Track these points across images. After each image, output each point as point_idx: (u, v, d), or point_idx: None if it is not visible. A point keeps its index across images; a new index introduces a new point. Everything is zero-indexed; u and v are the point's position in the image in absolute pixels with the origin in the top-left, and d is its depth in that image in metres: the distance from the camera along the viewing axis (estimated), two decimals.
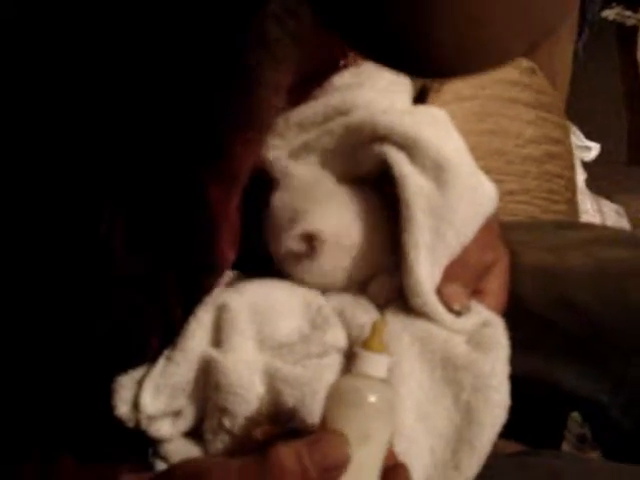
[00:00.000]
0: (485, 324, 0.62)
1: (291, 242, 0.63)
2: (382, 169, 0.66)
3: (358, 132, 0.68)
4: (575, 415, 1.25)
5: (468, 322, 0.62)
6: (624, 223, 1.86)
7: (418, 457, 0.57)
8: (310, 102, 0.74)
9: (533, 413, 0.61)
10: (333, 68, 0.78)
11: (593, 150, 1.94)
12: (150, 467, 0.61)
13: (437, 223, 0.62)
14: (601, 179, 2.04)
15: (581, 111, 1.85)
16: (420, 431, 0.58)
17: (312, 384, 0.57)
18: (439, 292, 0.63)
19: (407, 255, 0.62)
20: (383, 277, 0.66)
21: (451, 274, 0.64)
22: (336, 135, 0.69)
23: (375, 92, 0.73)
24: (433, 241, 0.62)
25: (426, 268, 0.62)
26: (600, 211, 1.76)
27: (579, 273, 0.74)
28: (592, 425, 0.82)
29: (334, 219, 0.64)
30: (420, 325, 0.62)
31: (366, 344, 0.51)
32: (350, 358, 0.51)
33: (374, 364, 0.50)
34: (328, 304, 0.64)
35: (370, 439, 0.49)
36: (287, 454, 0.47)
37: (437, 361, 0.60)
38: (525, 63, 1.28)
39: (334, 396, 0.51)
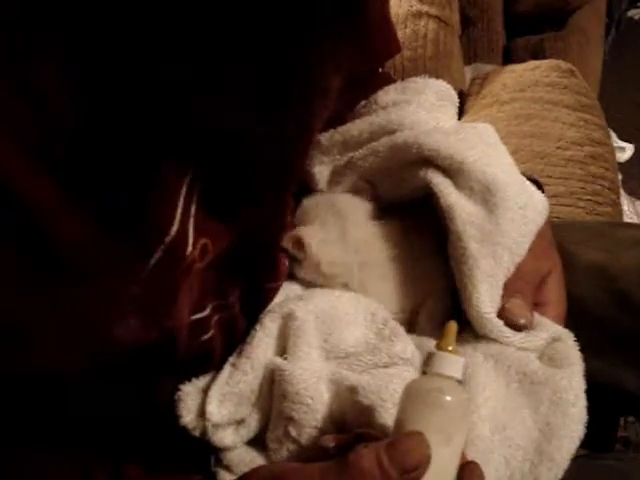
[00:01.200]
0: (555, 339, 0.62)
1: (286, 240, 0.66)
2: (427, 192, 0.66)
3: (403, 153, 0.67)
4: (621, 420, 1.24)
5: (537, 339, 0.62)
6: None
7: (492, 467, 0.56)
8: (355, 120, 0.74)
9: (592, 416, 0.61)
10: (371, 75, 0.78)
11: (627, 151, 1.92)
12: (213, 477, 0.61)
13: (492, 249, 0.62)
14: (634, 180, 2.02)
15: (611, 111, 1.85)
16: (495, 441, 0.57)
17: (380, 392, 0.56)
18: (502, 310, 0.63)
19: (465, 288, 0.62)
20: (429, 304, 0.67)
21: (510, 289, 0.64)
22: (381, 155, 0.69)
23: (422, 110, 0.72)
24: (491, 268, 0.62)
25: (487, 298, 0.62)
26: (636, 212, 1.75)
27: (635, 272, 0.74)
28: None
29: (327, 244, 0.67)
30: (491, 345, 0.62)
31: (440, 345, 0.51)
32: (425, 360, 0.51)
33: (452, 365, 0.50)
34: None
35: (452, 439, 0.48)
36: (367, 457, 0.47)
37: (513, 375, 0.60)
38: (564, 65, 1.27)
39: (413, 397, 0.50)
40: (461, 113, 1.31)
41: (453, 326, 0.51)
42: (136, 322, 0.48)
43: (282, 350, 0.60)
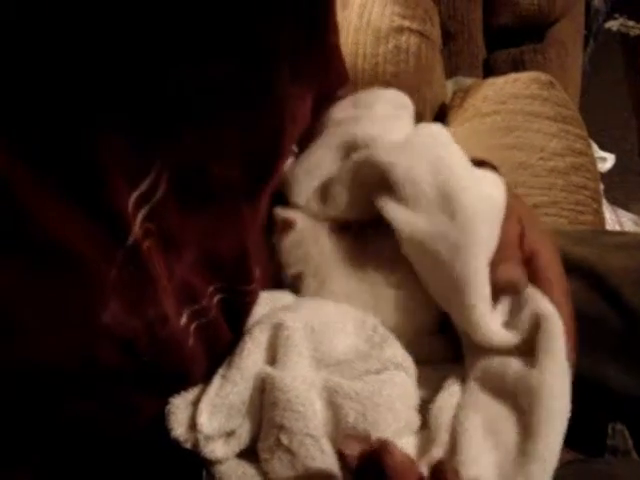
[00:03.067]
0: (538, 319, 0.61)
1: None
2: None
3: (362, 172, 0.68)
4: (609, 427, 1.24)
5: (524, 325, 0.61)
6: None
7: (485, 471, 0.56)
8: (312, 148, 0.74)
9: (582, 418, 0.61)
10: (330, 99, 0.80)
11: (608, 161, 1.95)
12: None
13: (467, 252, 0.61)
14: (616, 189, 2.05)
15: (591, 122, 1.88)
16: (488, 445, 0.58)
17: (374, 397, 0.57)
18: (494, 281, 0.62)
19: (458, 305, 0.62)
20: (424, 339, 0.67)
21: (497, 259, 0.63)
22: (344, 180, 0.69)
23: (375, 124, 0.72)
24: (474, 272, 0.62)
25: (483, 306, 0.61)
26: (619, 221, 1.77)
27: (623, 273, 0.74)
28: (635, 430, 0.81)
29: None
30: (475, 366, 0.63)
31: None
32: None
33: None
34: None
35: None
36: None
37: (496, 390, 0.61)
38: (543, 77, 1.29)
39: None
40: (444, 126, 1.32)
41: None
42: (117, 307, 0.48)
43: (272, 361, 0.61)
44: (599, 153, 1.94)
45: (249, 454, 0.61)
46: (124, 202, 0.47)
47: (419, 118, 1.32)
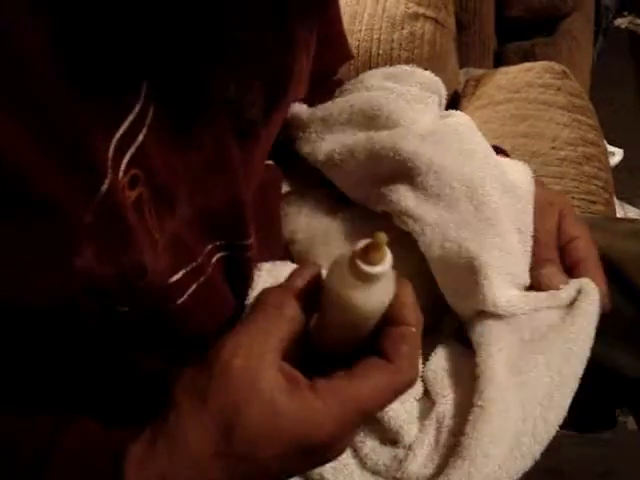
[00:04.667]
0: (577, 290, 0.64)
1: None
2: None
3: (381, 158, 0.68)
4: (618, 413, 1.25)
5: (563, 298, 0.64)
6: None
7: (510, 408, 0.58)
8: (336, 100, 0.75)
9: (594, 404, 0.62)
10: (328, 79, 0.81)
11: (617, 155, 1.95)
12: None
13: (491, 241, 0.63)
14: (623, 184, 2.05)
15: (599, 117, 1.88)
16: (512, 384, 0.59)
17: None
18: (537, 278, 0.65)
19: (477, 289, 0.63)
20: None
21: (538, 259, 0.66)
22: (357, 157, 0.70)
23: (403, 100, 0.72)
24: (497, 259, 0.63)
25: (501, 292, 0.63)
26: (626, 216, 1.77)
27: (634, 259, 0.75)
28: None
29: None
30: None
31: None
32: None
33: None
34: None
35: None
36: None
37: (525, 331, 0.62)
38: (557, 67, 1.29)
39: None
40: None
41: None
42: (91, 252, 0.47)
43: None
44: (607, 147, 1.95)
45: None
46: (100, 149, 0.47)
47: None
